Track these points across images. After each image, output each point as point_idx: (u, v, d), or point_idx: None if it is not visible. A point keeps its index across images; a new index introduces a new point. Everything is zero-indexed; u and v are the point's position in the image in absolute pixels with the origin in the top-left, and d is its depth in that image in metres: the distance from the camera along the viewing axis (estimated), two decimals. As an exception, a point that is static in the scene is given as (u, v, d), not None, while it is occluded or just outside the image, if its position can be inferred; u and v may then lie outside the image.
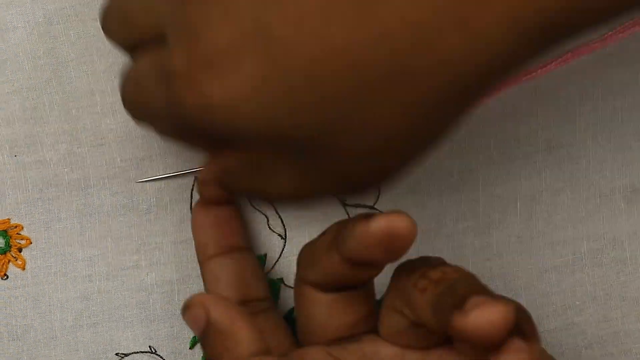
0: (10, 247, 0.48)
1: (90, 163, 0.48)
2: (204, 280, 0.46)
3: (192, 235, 0.46)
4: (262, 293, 0.46)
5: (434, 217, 0.48)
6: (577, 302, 0.48)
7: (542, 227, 0.48)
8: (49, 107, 0.48)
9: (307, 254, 0.42)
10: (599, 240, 0.48)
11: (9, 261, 0.48)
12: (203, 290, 0.48)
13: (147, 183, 0.48)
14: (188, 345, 0.48)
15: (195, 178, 0.48)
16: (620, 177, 0.48)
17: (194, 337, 0.48)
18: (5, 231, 0.48)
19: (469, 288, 0.37)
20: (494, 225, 0.48)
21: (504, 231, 0.48)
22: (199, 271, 0.48)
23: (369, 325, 0.42)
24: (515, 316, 0.36)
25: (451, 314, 0.36)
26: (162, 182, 0.48)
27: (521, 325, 0.37)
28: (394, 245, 0.37)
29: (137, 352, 0.48)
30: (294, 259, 0.45)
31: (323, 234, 0.41)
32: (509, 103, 0.48)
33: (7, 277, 0.48)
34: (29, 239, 0.48)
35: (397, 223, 0.37)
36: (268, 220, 0.48)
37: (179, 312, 0.48)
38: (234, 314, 0.39)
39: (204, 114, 0.34)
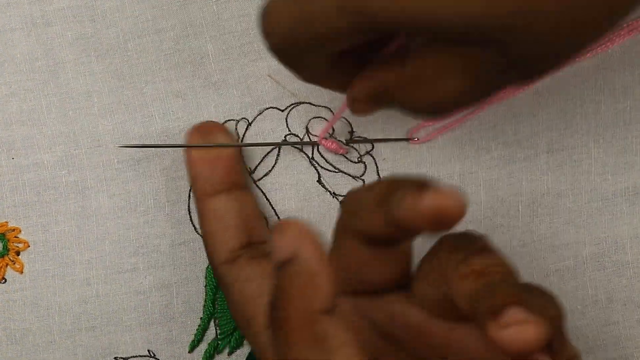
0: (8, 250, 0.48)
1: (88, 165, 0.48)
2: (203, 218, 0.45)
3: (187, 170, 0.46)
4: (265, 236, 0.46)
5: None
6: (579, 306, 0.48)
7: (543, 231, 0.48)
8: (46, 109, 0.48)
9: (353, 204, 0.41)
10: (600, 243, 0.48)
11: (7, 265, 0.48)
12: (203, 294, 0.48)
13: (145, 184, 0.48)
14: (187, 349, 0.48)
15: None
16: (622, 180, 0.48)
17: (193, 340, 0.48)
18: (3, 234, 0.48)
19: (509, 293, 0.36)
20: (495, 229, 0.48)
21: (505, 234, 0.48)
22: (198, 273, 0.48)
23: (401, 283, 0.42)
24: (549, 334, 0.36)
25: (488, 319, 0.36)
26: (160, 183, 0.48)
27: (552, 342, 0.37)
28: (442, 222, 0.37)
29: (136, 356, 0.48)
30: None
31: (370, 188, 0.41)
32: (510, 105, 0.48)
33: (5, 280, 0.48)
34: (27, 242, 0.48)
35: (449, 201, 0.37)
36: (267, 223, 0.48)
37: (177, 315, 0.48)
38: (324, 260, 0.37)
39: (398, 10, 0.35)
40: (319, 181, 0.48)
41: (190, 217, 0.48)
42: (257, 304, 0.44)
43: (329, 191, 0.48)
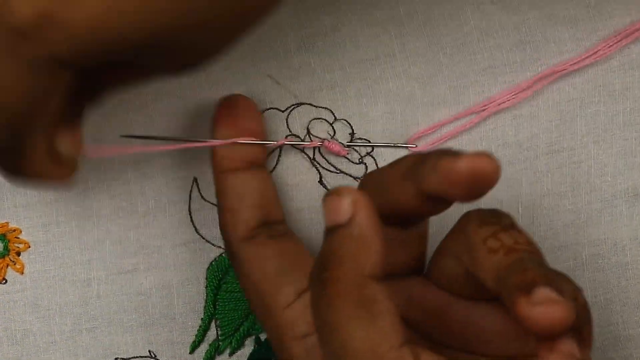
0: (9, 251, 0.48)
1: (88, 165, 0.48)
2: (222, 194, 0.45)
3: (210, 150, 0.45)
4: (281, 215, 0.46)
5: (435, 221, 0.47)
6: (578, 307, 0.48)
7: (543, 232, 0.48)
8: (47, 109, 0.48)
9: (374, 182, 0.41)
10: (600, 245, 0.48)
11: (8, 265, 0.48)
12: (203, 295, 0.48)
13: (146, 185, 0.48)
14: (188, 350, 0.48)
15: (195, 179, 0.48)
16: (622, 181, 0.48)
17: (194, 341, 0.48)
18: (3, 235, 0.48)
19: (538, 272, 0.37)
20: (495, 230, 0.48)
21: (505, 236, 0.48)
22: (198, 274, 0.48)
23: (418, 267, 0.43)
24: (576, 318, 0.36)
25: (516, 296, 0.36)
26: (161, 184, 0.48)
27: (580, 327, 0.37)
28: (478, 185, 0.37)
29: (137, 357, 0.48)
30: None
31: (394, 164, 0.41)
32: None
33: (6, 281, 0.48)
34: (28, 243, 0.48)
35: (485, 164, 0.37)
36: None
37: (178, 316, 0.48)
38: (378, 228, 0.38)
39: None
40: (320, 182, 0.48)
41: (191, 217, 0.48)
42: (278, 282, 0.43)
43: (331, 192, 0.48)
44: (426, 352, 0.37)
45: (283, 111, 0.48)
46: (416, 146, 0.48)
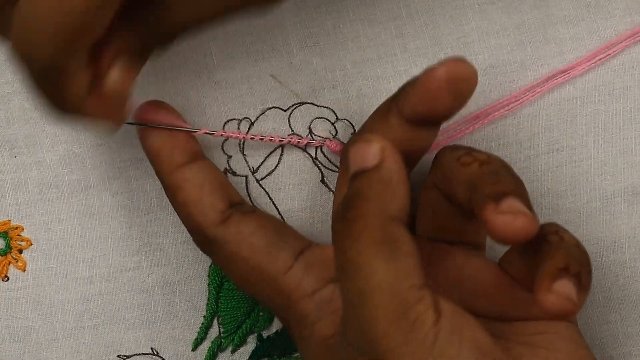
0: (11, 248, 0.48)
1: (90, 163, 0.48)
2: (180, 189, 0.44)
3: (147, 150, 0.44)
4: (240, 196, 0.45)
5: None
6: (578, 305, 0.49)
7: (543, 231, 0.48)
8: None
9: (359, 133, 0.42)
10: (599, 243, 0.48)
11: (10, 263, 0.48)
12: (206, 292, 0.48)
13: (148, 182, 0.48)
14: (190, 347, 0.48)
15: None
16: (621, 180, 0.48)
17: (196, 338, 0.48)
18: (5, 232, 0.48)
19: (510, 184, 0.38)
20: (495, 229, 0.48)
21: (505, 234, 0.48)
22: (201, 272, 0.48)
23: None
24: (575, 263, 0.38)
25: (485, 202, 0.37)
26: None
27: (580, 274, 0.38)
28: (459, 88, 0.38)
29: (139, 354, 0.48)
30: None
31: (372, 113, 0.42)
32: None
33: (8, 278, 0.48)
34: (30, 241, 0.48)
35: (461, 66, 0.38)
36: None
37: (180, 313, 0.48)
38: (406, 176, 0.39)
39: None
40: (323, 181, 0.48)
41: (193, 215, 0.48)
42: (271, 251, 0.43)
43: (332, 191, 0.48)
44: (444, 298, 0.38)
45: (285, 110, 0.48)
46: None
